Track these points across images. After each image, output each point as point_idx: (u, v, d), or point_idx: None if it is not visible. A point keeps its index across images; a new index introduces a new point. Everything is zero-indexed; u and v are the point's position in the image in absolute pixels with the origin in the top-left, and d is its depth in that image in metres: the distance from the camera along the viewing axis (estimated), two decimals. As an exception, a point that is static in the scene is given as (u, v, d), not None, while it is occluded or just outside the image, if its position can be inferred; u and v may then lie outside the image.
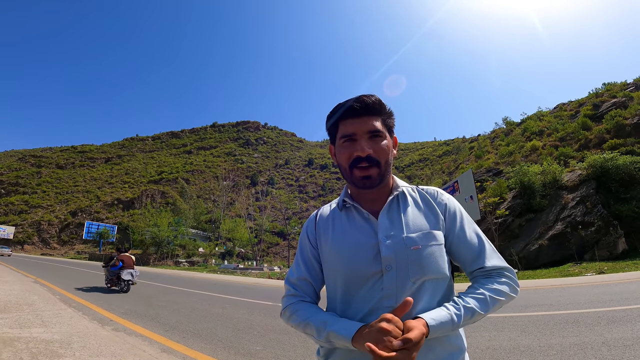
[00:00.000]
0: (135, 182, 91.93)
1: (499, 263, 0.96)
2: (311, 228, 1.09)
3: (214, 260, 38.78)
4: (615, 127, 23.38)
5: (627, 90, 29.92)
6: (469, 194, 18.35)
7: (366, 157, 0.94)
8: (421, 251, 0.91)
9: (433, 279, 0.91)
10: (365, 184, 0.96)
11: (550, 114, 37.46)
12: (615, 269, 11.81)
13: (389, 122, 1.02)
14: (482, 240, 0.99)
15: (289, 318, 1.00)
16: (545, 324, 4.87)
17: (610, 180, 17.51)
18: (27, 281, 12.18)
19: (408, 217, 0.97)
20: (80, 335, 4.61)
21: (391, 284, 0.89)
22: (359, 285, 0.92)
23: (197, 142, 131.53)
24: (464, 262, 0.98)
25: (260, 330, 5.48)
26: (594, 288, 8.23)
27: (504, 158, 31.15)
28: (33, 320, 5.37)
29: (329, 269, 1.00)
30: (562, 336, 4.18)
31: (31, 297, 7.94)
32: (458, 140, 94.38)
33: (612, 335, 4.04)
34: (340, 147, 0.99)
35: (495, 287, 0.90)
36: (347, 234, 0.98)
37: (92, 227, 58.79)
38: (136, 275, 10.80)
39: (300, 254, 1.09)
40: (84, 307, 7.15)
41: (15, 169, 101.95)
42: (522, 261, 15.99)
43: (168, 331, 5.32)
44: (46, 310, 6.39)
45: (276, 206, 68.94)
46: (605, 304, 5.99)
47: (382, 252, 0.91)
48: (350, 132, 0.97)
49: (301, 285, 1.04)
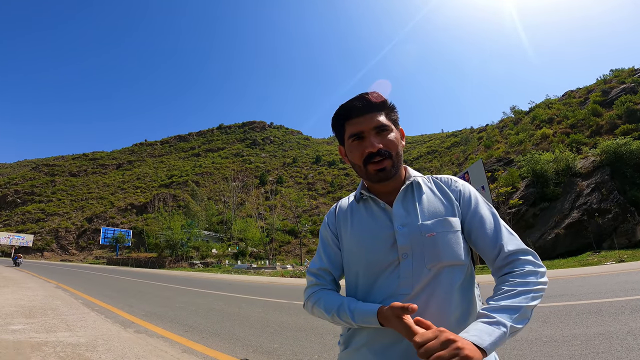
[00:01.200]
0: (147, 187, 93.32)
1: (519, 245, 0.92)
2: (331, 219, 1.12)
3: (227, 260, 39.15)
4: (626, 113, 23.01)
5: (635, 75, 29.67)
6: (480, 185, 18.14)
7: (377, 151, 0.96)
8: (436, 238, 0.91)
9: (450, 265, 0.91)
10: (380, 176, 0.98)
11: (559, 102, 36.87)
12: (635, 257, 11.54)
13: (393, 115, 1.04)
14: (499, 225, 0.95)
15: (313, 306, 1.02)
16: (567, 314, 4.79)
17: (625, 166, 17.14)
18: (49, 287, 12.48)
19: (423, 205, 0.98)
20: (104, 338, 4.72)
21: (407, 271, 0.90)
22: (378, 273, 0.94)
23: (205, 144, 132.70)
24: (482, 247, 0.95)
25: (277, 328, 5.53)
26: (615, 277, 8.07)
27: (514, 147, 30.68)
28: (58, 324, 5.51)
29: (349, 259, 1.03)
30: (585, 326, 4.10)
31: (55, 302, 8.14)
32: (466, 131, 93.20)
33: (637, 324, 3.95)
34: (351, 147, 1.02)
35: (524, 280, 0.84)
36: (365, 224, 1.01)
37: (108, 233, 60.07)
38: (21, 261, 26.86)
39: (321, 244, 1.12)
40: (106, 311, 7.31)
41: (30, 179, 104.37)
42: (539, 251, 15.74)
43: (187, 332, 5.41)
44: (70, 314, 6.55)
45: (286, 205, 69.05)
46: (627, 292, 5.86)
47: (398, 240, 0.93)
48: (357, 130, 0.99)
49: (323, 275, 1.07)
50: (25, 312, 6.53)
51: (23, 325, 5.30)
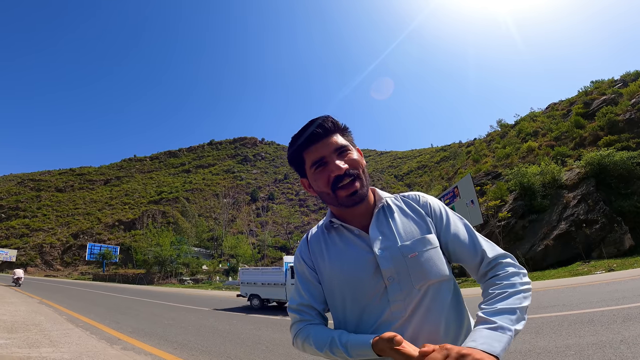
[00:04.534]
0: (136, 203, 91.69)
1: (498, 251, 0.95)
2: (305, 252, 1.07)
3: (218, 277, 38.37)
4: (608, 124, 23.56)
5: (615, 87, 30.26)
6: (469, 199, 18.36)
7: (345, 172, 0.93)
8: (419, 257, 0.91)
9: (437, 282, 0.91)
10: (354, 200, 0.94)
11: (543, 114, 37.79)
12: (624, 266, 11.71)
13: (348, 136, 1.02)
14: (473, 234, 0.98)
15: (303, 343, 0.97)
16: (560, 324, 4.80)
17: (609, 177, 17.53)
18: (33, 302, 12.05)
19: (398, 226, 0.97)
20: (89, 355, 4.56)
21: (396, 294, 0.89)
22: (366, 301, 0.92)
23: (195, 160, 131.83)
24: (463, 258, 0.96)
25: (269, 345, 5.42)
26: (606, 286, 8.16)
27: (501, 160, 31.27)
28: (41, 340, 5.30)
29: (331, 292, 0.99)
30: (578, 336, 4.11)
31: (38, 317, 7.86)
32: (455, 145, 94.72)
33: (630, 333, 3.97)
34: (314, 175, 0.98)
35: (511, 282, 0.87)
36: (342, 253, 0.97)
37: (95, 249, 58.46)
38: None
39: (299, 279, 1.06)
40: (91, 327, 7.06)
41: (15, 193, 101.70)
42: (529, 262, 15.87)
43: (177, 349, 5.26)
44: (54, 330, 6.31)
45: (277, 221, 68.58)
46: (619, 301, 5.93)
47: (381, 265, 0.91)
48: (318, 157, 0.96)
49: (305, 310, 1.02)
50: (7, 327, 6.28)
51: (5, 340, 5.09)
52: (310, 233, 1.11)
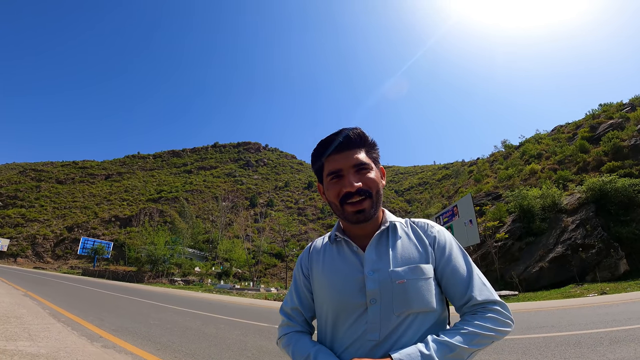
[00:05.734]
0: (134, 200, 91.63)
1: (488, 297, 0.92)
2: (304, 260, 1.11)
3: (210, 279, 38.03)
4: (612, 149, 23.45)
5: (623, 110, 30.08)
6: (468, 218, 18.27)
7: (356, 190, 0.93)
8: (406, 285, 0.90)
9: (419, 312, 0.90)
10: (359, 218, 0.95)
11: (548, 137, 37.79)
12: (617, 290, 11.60)
13: (374, 153, 1.02)
14: (471, 274, 0.95)
15: (285, 348, 1.02)
16: (547, 345, 4.74)
17: (610, 203, 17.47)
18: (17, 294, 11.90)
19: (396, 250, 0.96)
20: (67, 351, 4.45)
21: (375, 317, 0.89)
22: (346, 317, 0.93)
23: (198, 161, 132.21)
24: (452, 295, 0.96)
25: (255, 352, 5.30)
26: (596, 309, 8.07)
27: (503, 182, 31.23)
28: (20, 333, 5.19)
29: (320, 301, 1.01)
30: (563, 358, 4.08)
31: (20, 310, 7.73)
32: (457, 163, 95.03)
33: (614, 356, 3.94)
34: (328, 185, 0.99)
35: (479, 323, 0.87)
36: (336, 266, 0.99)
37: (88, 243, 58.02)
38: None
39: (293, 284, 1.12)
40: (73, 323, 6.94)
41: (15, 182, 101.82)
42: (523, 283, 15.74)
43: (160, 350, 5.14)
44: (34, 324, 6.19)
45: (274, 228, 68.28)
46: (607, 324, 5.86)
47: (367, 285, 0.91)
48: (335, 168, 0.96)
49: (294, 315, 1.07)
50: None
51: (-18, 332, 4.98)
52: (315, 242, 1.14)
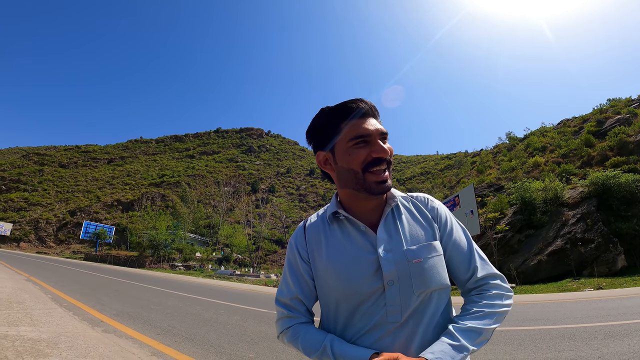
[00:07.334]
0: (137, 184, 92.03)
1: (490, 270, 0.95)
2: (301, 242, 1.01)
3: (210, 265, 38.50)
4: (618, 145, 23.24)
5: (631, 106, 29.58)
6: (469, 209, 18.26)
7: (385, 158, 0.90)
8: (423, 264, 0.88)
9: (437, 290, 0.89)
10: (383, 188, 0.90)
11: (553, 130, 37.38)
12: (614, 285, 11.66)
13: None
14: (472, 248, 0.97)
15: (290, 343, 0.95)
16: (542, 338, 4.80)
17: (612, 198, 17.40)
18: (20, 279, 12.07)
19: (405, 228, 0.93)
20: (68, 336, 4.52)
21: (394, 299, 0.86)
22: (360, 302, 0.88)
23: (200, 146, 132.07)
24: (455, 269, 0.96)
25: (254, 337, 5.38)
26: (592, 303, 8.13)
27: (505, 173, 31.09)
28: (22, 318, 5.28)
29: (325, 287, 0.94)
30: (557, 350, 4.13)
31: (22, 295, 7.85)
32: (460, 154, 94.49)
33: (608, 350, 3.99)
34: (351, 149, 0.90)
35: (491, 302, 0.90)
36: (343, 249, 0.92)
37: (90, 227, 58.57)
38: None
39: (290, 271, 1.00)
40: (75, 307, 7.05)
41: (18, 166, 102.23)
42: (521, 276, 15.83)
43: (160, 334, 5.23)
44: (36, 309, 6.30)
45: (276, 214, 68.79)
46: (602, 318, 5.91)
47: (383, 267, 0.87)
48: (365, 132, 0.89)
49: (295, 306, 0.97)
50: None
51: (-16, 316, 5.07)
52: (308, 221, 1.04)
